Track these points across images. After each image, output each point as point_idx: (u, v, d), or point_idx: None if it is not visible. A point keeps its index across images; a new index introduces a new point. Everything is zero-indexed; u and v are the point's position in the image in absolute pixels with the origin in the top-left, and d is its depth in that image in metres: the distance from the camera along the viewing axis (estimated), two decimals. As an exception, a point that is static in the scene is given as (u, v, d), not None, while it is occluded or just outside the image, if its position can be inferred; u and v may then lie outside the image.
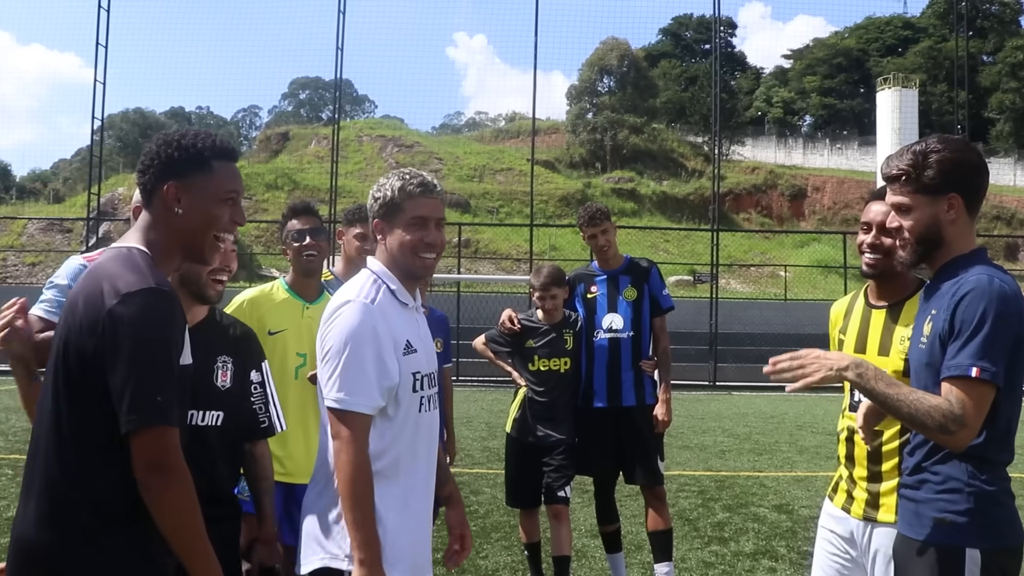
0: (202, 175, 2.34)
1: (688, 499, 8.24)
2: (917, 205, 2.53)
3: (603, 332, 5.40)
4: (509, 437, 5.49)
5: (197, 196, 2.33)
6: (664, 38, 77.00)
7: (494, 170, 52.48)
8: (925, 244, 2.55)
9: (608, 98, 57.32)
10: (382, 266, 2.74)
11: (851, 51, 70.67)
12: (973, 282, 2.41)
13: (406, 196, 2.68)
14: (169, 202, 2.31)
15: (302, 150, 55.36)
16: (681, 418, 14.18)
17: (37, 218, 40.39)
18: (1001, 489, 2.49)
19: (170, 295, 2.18)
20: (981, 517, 2.43)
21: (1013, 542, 2.48)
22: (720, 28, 33.60)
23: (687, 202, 50.46)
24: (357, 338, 2.54)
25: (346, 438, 2.50)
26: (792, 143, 63.36)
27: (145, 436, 2.06)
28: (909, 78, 55.93)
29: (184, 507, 2.10)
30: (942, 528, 2.45)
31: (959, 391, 2.35)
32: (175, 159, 2.33)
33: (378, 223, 2.73)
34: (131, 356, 2.07)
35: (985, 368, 2.33)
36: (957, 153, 2.51)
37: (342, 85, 28.94)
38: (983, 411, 2.36)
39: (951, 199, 2.50)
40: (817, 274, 39.08)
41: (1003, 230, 48.90)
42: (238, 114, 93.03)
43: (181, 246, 2.36)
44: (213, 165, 2.36)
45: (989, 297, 2.37)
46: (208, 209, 2.35)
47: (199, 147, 2.34)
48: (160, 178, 2.32)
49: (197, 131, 2.41)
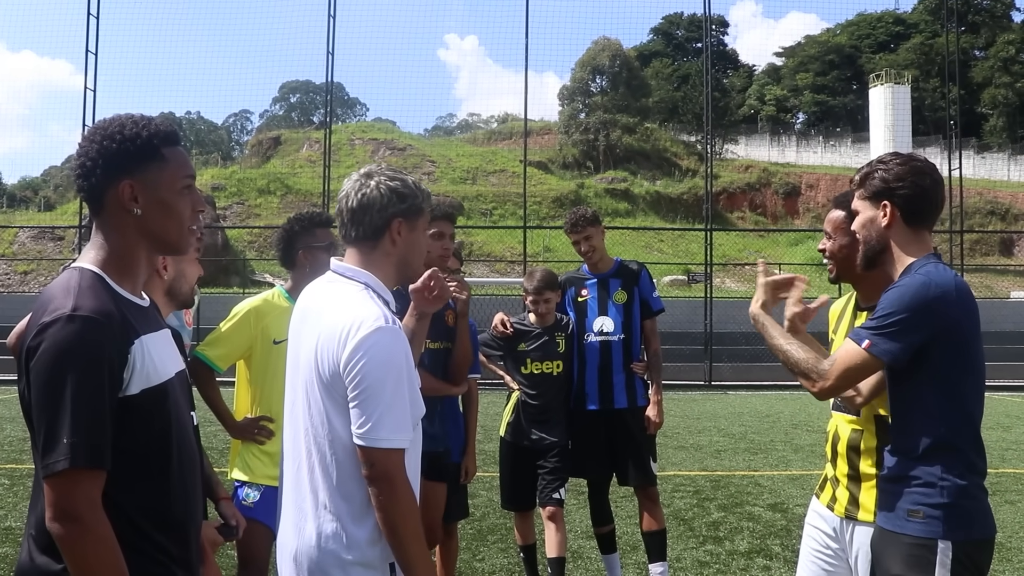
0: (155, 166, 2.08)
1: (683, 499, 8.24)
2: (862, 209, 2.85)
3: (594, 335, 5.41)
4: (503, 441, 5.50)
5: (154, 191, 2.08)
6: (655, 37, 77.18)
7: (487, 172, 52.48)
8: (868, 244, 2.83)
9: (600, 98, 57.36)
10: (371, 276, 2.51)
11: (843, 48, 70.84)
12: (906, 279, 2.68)
13: (428, 203, 2.59)
14: (126, 203, 2.06)
15: (294, 154, 55.30)
16: (676, 418, 14.19)
17: (28, 226, 40.31)
18: (973, 484, 2.61)
19: (91, 320, 1.91)
20: (953, 510, 2.56)
21: (984, 534, 2.63)
22: (711, 26, 33.64)
23: (681, 201, 50.49)
24: (396, 371, 2.33)
25: (395, 477, 2.30)
26: (785, 141, 63.43)
27: (50, 483, 1.86)
28: (901, 74, 56.11)
29: (91, 564, 1.87)
30: (915, 521, 2.58)
31: (843, 350, 2.69)
32: (123, 153, 2.06)
33: (398, 221, 2.50)
34: (39, 396, 1.89)
35: (875, 344, 2.61)
36: (899, 167, 2.79)
37: (333, 88, 28.92)
38: (852, 377, 2.70)
39: (884, 206, 2.78)
40: (812, 272, 39.08)
41: (997, 225, 48.99)
42: (229, 119, 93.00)
43: (148, 246, 2.13)
44: (164, 153, 2.10)
45: (911, 288, 2.61)
46: (168, 203, 2.10)
47: (146, 135, 2.08)
48: (109, 178, 2.05)
49: (133, 117, 2.13)
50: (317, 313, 2.46)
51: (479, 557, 6.26)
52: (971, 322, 2.65)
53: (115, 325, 1.96)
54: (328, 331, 2.36)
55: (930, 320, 2.57)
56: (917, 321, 2.57)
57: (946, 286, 2.60)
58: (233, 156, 71.96)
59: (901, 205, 2.75)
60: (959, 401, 2.62)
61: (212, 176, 48.33)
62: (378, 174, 2.53)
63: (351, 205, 2.50)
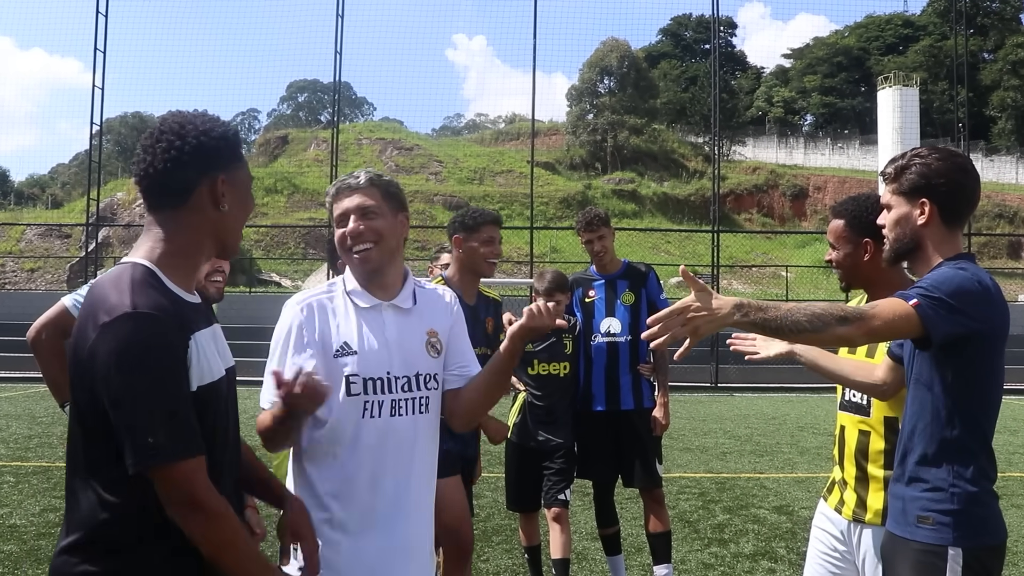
0: (239, 165, 2.16)
1: (688, 501, 8.22)
2: (896, 205, 2.69)
3: (601, 336, 5.40)
4: (509, 442, 5.48)
5: (238, 188, 2.14)
6: (664, 38, 77.14)
7: (494, 172, 52.49)
8: (900, 242, 2.68)
9: (608, 99, 57.33)
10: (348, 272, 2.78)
11: (851, 50, 70.73)
12: (948, 271, 2.51)
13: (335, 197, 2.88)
14: (218, 198, 2.08)
15: (301, 153, 55.37)
16: (682, 420, 14.15)
17: (36, 224, 40.40)
18: (983, 490, 2.54)
19: (152, 316, 1.91)
20: (963, 516, 2.49)
21: (994, 540, 2.55)
22: (719, 28, 33.64)
23: (688, 203, 50.46)
24: (276, 337, 2.62)
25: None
26: (793, 143, 63.32)
27: (163, 477, 1.89)
28: (910, 76, 55.92)
29: (227, 541, 1.96)
30: (925, 527, 2.52)
31: (888, 302, 2.41)
32: (220, 149, 2.10)
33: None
34: (119, 395, 1.88)
35: (923, 306, 2.37)
36: (939, 163, 2.62)
37: (341, 88, 28.94)
38: (895, 329, 2.40)
39: (922, 204, 2.62)
40: (819, 274, 39.02)
41: (1005, 228, 48.87)
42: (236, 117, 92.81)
43: (215, 245, 2.15)
44: (241, 152, 2.19)
45: (957, 276, 2.45)
46: (246, 201, 2.18)
47: (233, 135, 2.15)
48: (204, 172, 2.06)
49: (213, 118, 2.15)
50: None
51: (483, 558, 6.25)
52: (1004, 326, 2.56)
53: (172, 321, 1.95)
54: None
55: (972, 313, 2.43)
56: (962, 309, 2.41)
57: (987, 283, 2.50)
58: (241, 155, 71.97)
59: (940, 203, 2.61)
60: (978, 406, 2.54)
61: (219, 175, 48.39)
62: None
63: None
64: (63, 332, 3.91)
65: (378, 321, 2.66)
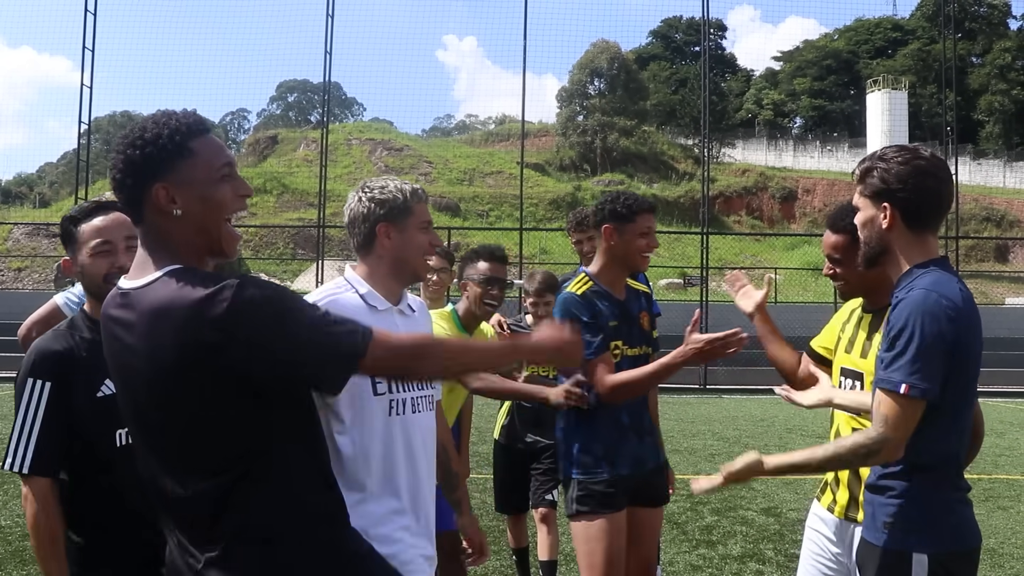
0: (186, 163, 2.02)
1: (676, 503, 8.22)
2: (862, 208, 2.66)
3: (590, 337, 5.39)
4: (497, 444, 5.48)
5: (190, 188, 2.02)
6: (654, 40, 77.15)
7: (484, 173, 52.46)
8: (868, 245, 2.65)
9: (598, 100, 57.37)
10: (353, 274, 2.79)
11: (841, 53, 70.92)
12: (910, 297, 2.47)
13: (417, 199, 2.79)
14: (164, 205, 2.00)
15: (291, 153, 55.22)
16: (671, 421, 14.16)
17: (23, 223, 40.19)
18: (952, 498, 2.55)
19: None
20: (928, 523, 2.51)
21: (962, 546, 2.55)
22: (709, 30, 33.67)
23: (677, 204, 50.50)
24: None
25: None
26: (782, 145, 63.47)
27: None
28: (899, 80, 56.19)
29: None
30: (891, 532, 2.53)
31: (887, 404, 2.43)
32: (149, 158, 2.00)
33: (383, 226, 2.76)
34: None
35: (914, 385, 2.39)
36: (900, 167, 2.57)
37: (331, 88, 28.91)
38: (910, 425, 2.43)
39: (884, 208, 2.58)
40: (808, 276, 39.11)
41: (993, 232, 49.08)
42: (226, 117, 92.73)
43: (204, 245, 2.07)
44: (192, 147, 2.03)
45: (920, 312, 2.41)
46: (207, 196, 2.03)
47: (167, 134, 2.02)
48: (141, 186, 2.00)
49: (154, 117, 2.06)
50: None
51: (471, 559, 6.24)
52: (975, 335, 2.52)
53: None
54: None
55: (947, 346, 2.42)
56: (936, 348, 2.40)
57: (954, 298, 2.45)
58: (230, 155, 71.78)
59: (902, 208, 2.55)
60: (952, 416, 2.51)
61: (209, 174, 48.26)
62: (364, 188, 2.81)
63: (345, 221, 2.83)
64: None
65: (392, 324, 2.70)
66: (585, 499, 3.68)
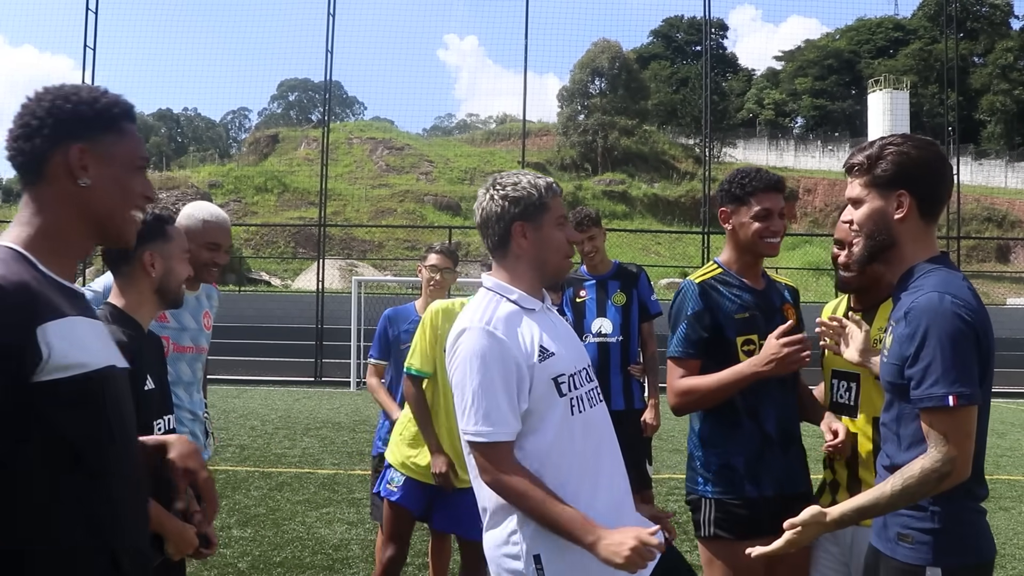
0: (112, 137, 1.89)
1: (678, 502, 8.21)
2: (868, 198, 2.48)
3: (592, 336, 5.39)
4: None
5: (107, 163, 1.88)
6: (655, 40, 77.14)
7: (485, 172, 52.36)
8: (873, 240, 2.49)
9: (599, 100, 57.33)
10: (497, 280, 2.66)
11: (842, 53, 70.88)
12: (920, 302, 2.34)
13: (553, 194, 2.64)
14: (75, 170, 1.84)
15: (291, 152, 55.23)
16: (672, 421, 14.13)
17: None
18: (967, 508, 2.45)
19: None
20: (944, 535, 2.40)
21: (976, 559, 2.45)
22: (711, 30, 33.66)
23: (678, 204, 50.48)
24: (482, 366, 2.45)
25: (494, 470, 2.44)
26: (783, 145, 63.44)
27: None
28: (900, 80, 56.14)
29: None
30: (905, 545, 2.44)
31: (940, 422, 2.30)
32: (78, 116, 1.85)
33: (519, 225, 2.60)
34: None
35: (961, 394, 2.27)
36: (916, 151, 2.44)
37: (332, 87, 28.91)
38: (971, 434, 2.32)
39: (900, 196, 2.44)
40: (809, 276, 39.13)
41: (994, 232, 49.03)
42: (227, 116, 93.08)
43: (86, 229, 1.90)
44: (123, 126, 1.92)
45: (940, 317, 2.30)
46: (121, 180, 1.91)
47: (105, 102, 1.89)
48: (57, 141, 1.83)
49: (91, 85, 1.93)
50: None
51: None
52: (990, 336, 2.41)
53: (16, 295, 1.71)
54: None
55: (972, 345, 2.32)
56: (967, 349, 2.31)
57: (967, 299, 2.35)
58: (231, 153, 71.88)
59: (920, 195, 2.43)
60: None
61: (209, 173, 48.27)
62: (495, 185, 2.65)
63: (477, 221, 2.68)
64: None
65: (547, 321, 2.65)
66: (724, 522, 3.21)
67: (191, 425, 3.67)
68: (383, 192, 47.39)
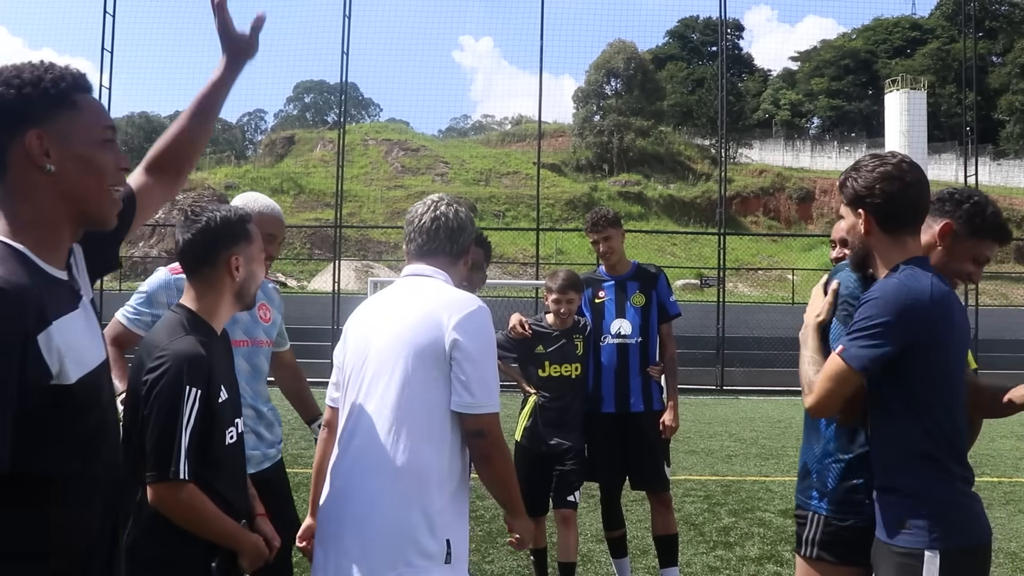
0: (67, 115, 1.78)
1: (694, 504, 8.22)
2: (845, 215, 2.81)
3: (611, 337, 5.38)
4: (519, 445, 5.43)
5: (67, 143, 1.78)
6: (671, 40, 77.04)
7: (500, 174, 52.49)
8: (853, 250, 2.81)
9: (615, 101, 57.30)
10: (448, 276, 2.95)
11: (859, 52, 70.61)
12: (881, 282, 2.65)
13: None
14: (36, 157, 1.74)
15: (307, 154, 55.43)
16: (688, 422, 14.14)
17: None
18: (957, 491, 2.61)
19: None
20: (938, 520, 2.55)
21: (972, 542, 2.60)
22: (727, 30, 33.57)
23: (694, 205, 50.39)
24: (492, 344, 2.78)
25: (499, 436, 2.71)
26: (800, 145, 63.25)
27: None
28: (917, 80, 55.85)
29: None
30: (903, 532, 2.58)
31: (828, 363, 2.66)
32: (25, 100, 1.73)
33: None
34: None
35: (847, 349, 2.59)
36: (868, 174, 2.71)
37: (347, 89, 28.97)
38: (834, 389, 2.62)
39: (859, 214, 2.73)
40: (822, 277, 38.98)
41: (1013, 232, 48.46)
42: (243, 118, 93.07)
43: (72, 212, 1.82)
44: (76, 100, 1.80)
45: (885, 294, 2.58)
46: (86, 157, 1.81)
47: (51, 79, 1.77)
48: (11, 131, 1.73)
49: (34, 62, 1.81)
50: (404, 302, 2.79)
51: (488, 559, 6.26)
52: (946, 329, 2.61)
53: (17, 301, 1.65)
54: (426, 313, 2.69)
55: (904, 327, 2.54)
56: (891, 327, 2.54)
57: (920, 292, 2.56)
58: (247, 155, 72.11)
59: (875, 214, 2.70)
60: (929, 410, 2.60)
61: (225, 175, 48.51)
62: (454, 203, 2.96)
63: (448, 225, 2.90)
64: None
65: None
66: (832, 545, 2.87)
67: (254, 424, 3.61)
68: (399, 193, 47.48)
